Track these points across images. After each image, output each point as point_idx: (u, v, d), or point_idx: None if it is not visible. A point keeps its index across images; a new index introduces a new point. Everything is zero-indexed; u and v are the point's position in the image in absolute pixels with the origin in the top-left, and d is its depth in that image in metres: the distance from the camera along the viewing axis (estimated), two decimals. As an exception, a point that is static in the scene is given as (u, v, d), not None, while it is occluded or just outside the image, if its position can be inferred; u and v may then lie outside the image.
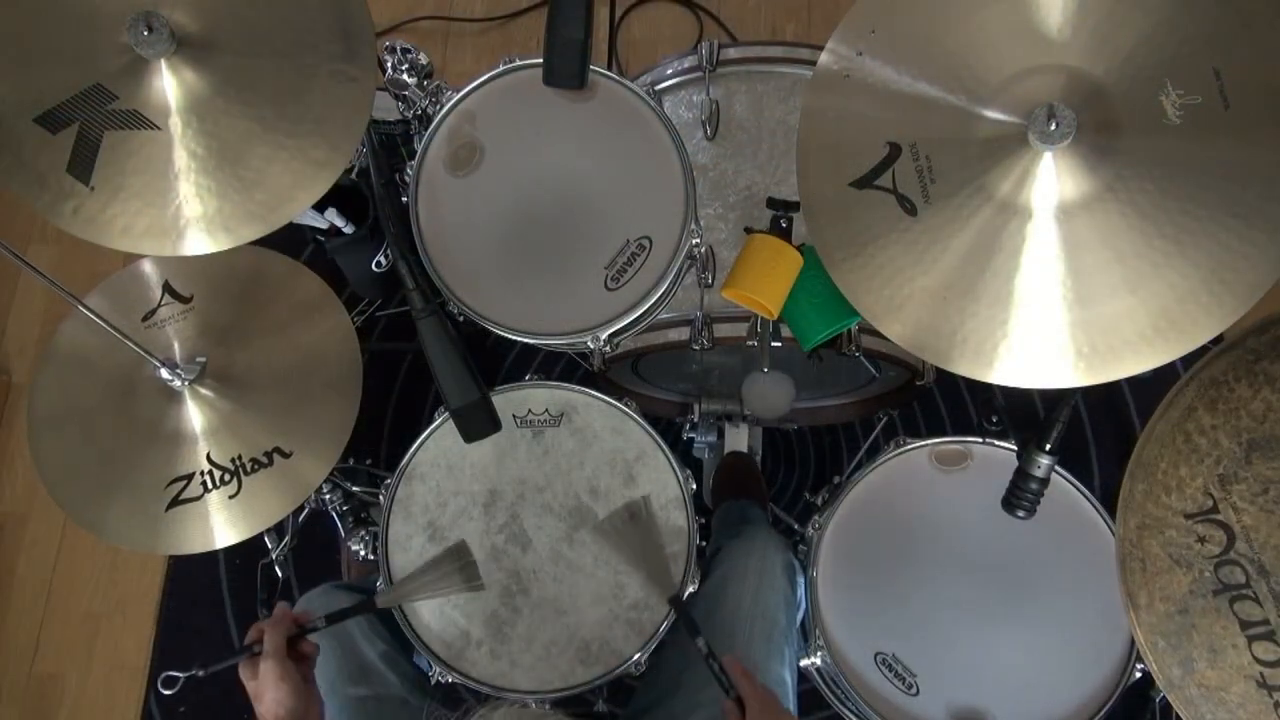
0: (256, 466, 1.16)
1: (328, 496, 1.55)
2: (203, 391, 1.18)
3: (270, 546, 1.51)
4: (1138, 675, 1.13)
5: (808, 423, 1.81)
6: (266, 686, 0.95)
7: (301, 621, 1.03)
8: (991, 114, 0.86)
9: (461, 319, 1.18)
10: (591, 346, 1.18)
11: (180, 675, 1.02)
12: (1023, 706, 1.14)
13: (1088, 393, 0.89)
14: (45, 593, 1.86)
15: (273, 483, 1.16)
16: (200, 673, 1.00)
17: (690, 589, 1.17)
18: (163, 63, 0.91)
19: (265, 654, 0.96)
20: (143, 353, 1.08)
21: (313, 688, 1.01)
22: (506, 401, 1.25)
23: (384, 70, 1.22)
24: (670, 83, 1.40)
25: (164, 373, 1.13)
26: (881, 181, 0.88)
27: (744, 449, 1.75)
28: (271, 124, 0.94)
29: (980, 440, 1.25)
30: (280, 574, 1.78)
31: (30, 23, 0.92)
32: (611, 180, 1.16)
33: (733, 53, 1.38)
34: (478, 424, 1.11)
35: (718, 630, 1.15)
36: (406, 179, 1.19)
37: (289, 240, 1.15)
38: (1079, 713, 1.13)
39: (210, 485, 1.16)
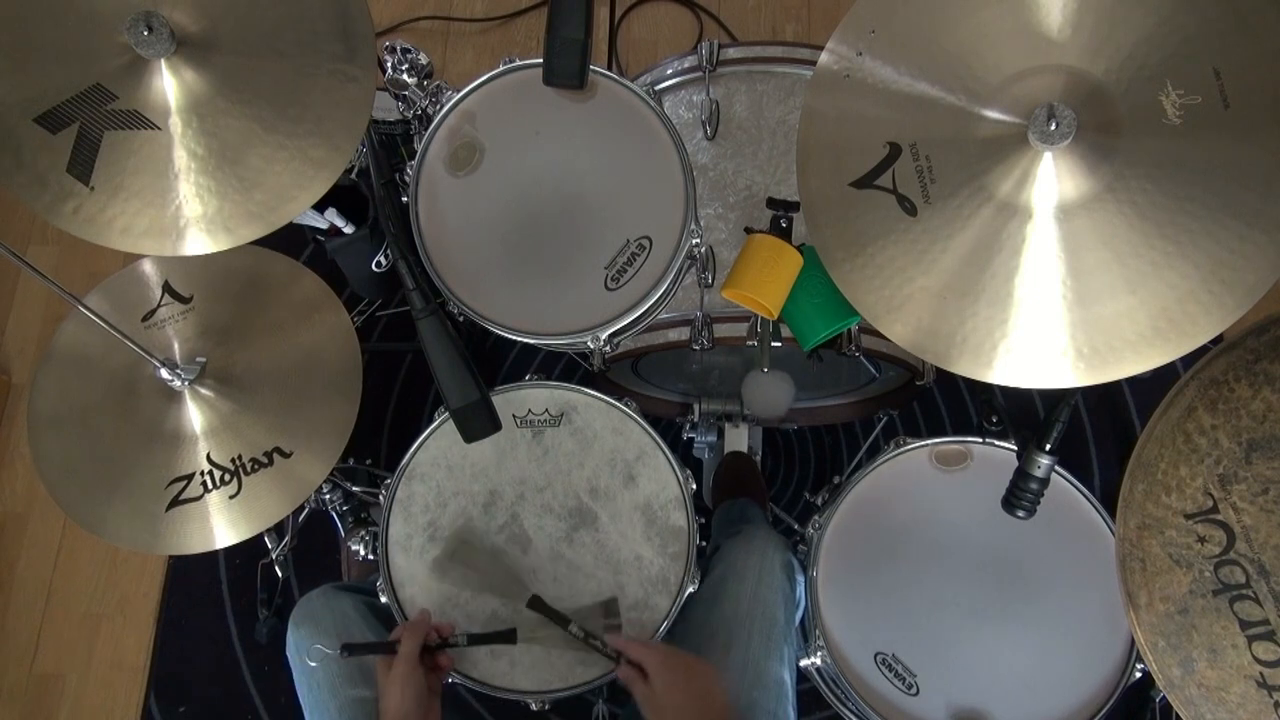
0: (256, 466, 1.16)
1: (328, 496, 1.55)
2: (203, 391, 1.18)
3: (270, 546, 1.51)
4: (1138, 675, 1.13)
5: (808, 423, 1.81)
6: (394, 685, 0.98)
7: (444, 634, 1.07)
8: (991, 114, 0.86)
9: (461, 319, 1.18)
10: (591, 346, 1.18)
11: (328, 650, 1.06)
12: (1023, 706, 1.14)
13: (1088, 393, 0.89)
14: (45, 593, 1.86)
15: (273, 483, 1.16)
16: (346, 654, 1.04)
17: (691, 589, 1.17)
18: (163, 63, 0.91)
19: (400, 655, 1.00)
20: (143, 353, 1.08)
21: (436, 700, 1.03)
22: (506, 401, 1.25)
23: (384, 70, 1.22)
24: (670, 83, 1.40)
25: (164, 373, 1.13)
26: (881, 181, 0.88)
27: (744, 449, 1.75)
28: (271, 124, 0.94)
29: (980, 440, 1.25)
30: (280, 574, 1.78)
31: (30, 23, 0.92)
32: (611, 180, 1.16)
33: (733, 53, 1.38)
34: (478, 424, 1.11)
35: (717, 628, 1.15)
36: (406, 179, 1.19)
37: (289, 240, 1.15)
38: (1079, 713, 1.13)
39: (210, 485, 1.16)
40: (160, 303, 1.26)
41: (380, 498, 1.22)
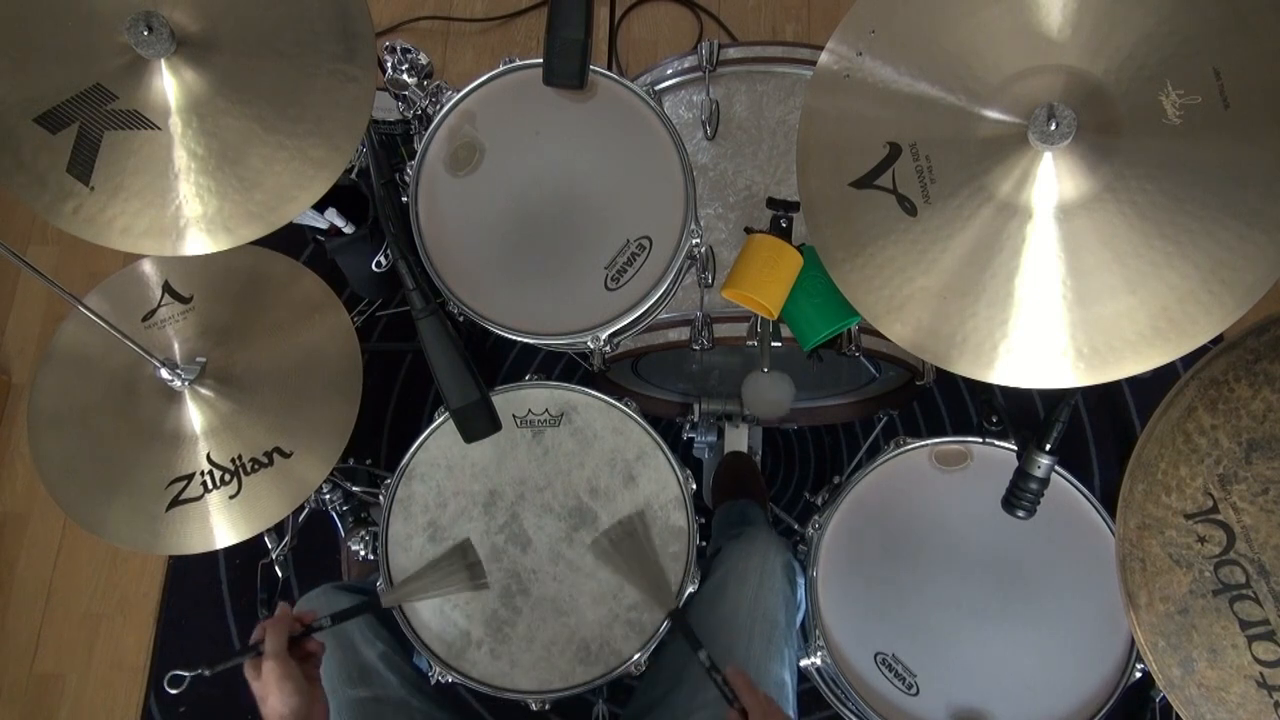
0: (256, 466, 1.16)
1: (328, 496, 1.55)
2: (203, 391, 1.18)
3: (270, 546, 1.51)
4: (1138, 675, 1.13)
5: (808, 423, 1.81)
6: (270, 687, 0.95)
7: (306, 621, 1.03)
8: (991, 114, 0.86)
9: (461, 319, 1.18)
10: (591, 346, 1.18)
11: (186, 674, 1.02)
12: (1023, 706, 1.14)
13: (1088, 393, 0.89)
14: (45, 593, 1.86)
15: (273, 483, 1.16)
16: (206, 672, 1.00)
17: (691, 589, 1.17)
18: (163, 63, 0.91)
19: (267, 654, 0.97)
20: (143, 353, 1.08)
21: (317, 687, 1.01)
22: (506, 401, 1.25)
23: (384, 70, 1.22)
24: (670, 83, 1.40)
25: (164, 373, 1.13)
26: (881, 181, 0.88)
27: (744, 449, 1.75)
28: (271, 124, 0.94)
29: (980, 440, 1.25)
30: (280, 574, 1.78)
31: (30, 23, 0.92)
32: (611, 180, 1.16)
33: (733, 53, 1.38)
34: (478, 424, 1.11)
35: (718, 631, 1.15)
36: (406, 179, 1.19)
37: (289, 240, 1.15)
38: (1079, 713, 1.13)
39: (210, 485, 1.16)
40: (160, 303, 1.26)
41: (380, 498, 1.22)
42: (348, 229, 1.45)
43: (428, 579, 1.16)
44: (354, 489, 1.58)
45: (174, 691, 1.02)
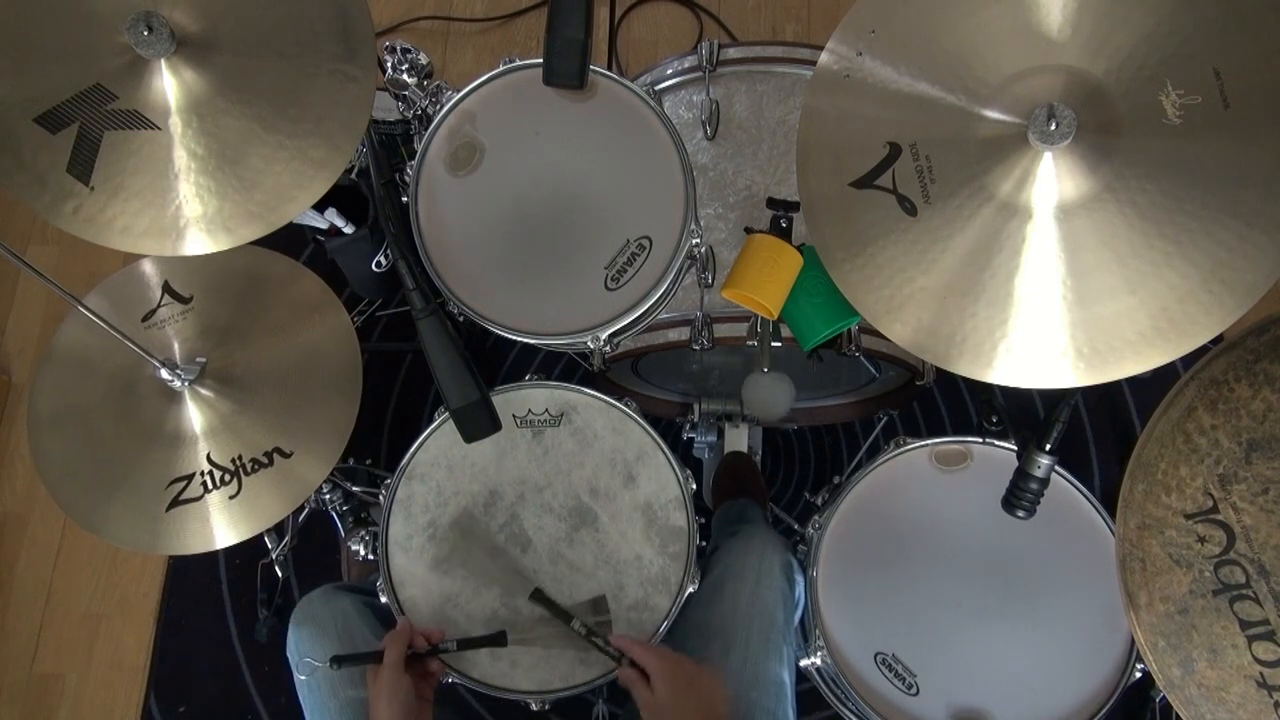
0: (256, 466, 1.16)
1: (328, 496, 1.55)
2: (203, 392, 1.18)
3: (270, 546, 1.51)
4: (1138, 675, 1.13)
5: (808, 423, 1.81)
6: (379, 697, 0.98)
7: (434, 640, 1.07)
8: (991, 114, 0.86)
9: (461, 319, 1.18)
10: (591, 346, 1.18)
11: (318, 664, 1.07)
12: (1023, 706, 1.14)
13: (1088, 393, 0.89)
14: (45, 593, 1.86)
15: (273, 483, 1.16)
16: (337, 666, 1.05)
17: (690, 589, 1.17)
18: (163, 63, 0.91)
19: (384, 665, 0.99)
20: (142, 353, 1.08)
21: (427, 707, 1.03)
22: (506, 401, 1.25)
23: (384, 70, 1.22)
24: (670, 83, 1.40)
25: (164, 373, 1.13)
26: (881, 181, 0.88)
27: (744, 449, 1.75)
28: (271, 124, 0.94)
29: (980, 440, 1.25)
30: (280, 574, 1.78)
31: (30, 23, 0.92)
32: (611, 180, 1.16)
33: (733, 53, 1.38)
34: (478, 424, 1.11)
35: (715, 630, 1.15)
36: (406, 179, 1.19)
37: (289, 240, 1.15)
38: (1079, 713, 1.13)
39: (210, 485, 1.16)
40: (160, 303, 1.26)
41: (380, 498, 1.22)
42: (348, 229, 1.45)
43: (561, 629, 1.13)
44: (354, 489, 1.58)
45: (303, 678, 1.09)
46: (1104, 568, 1.18)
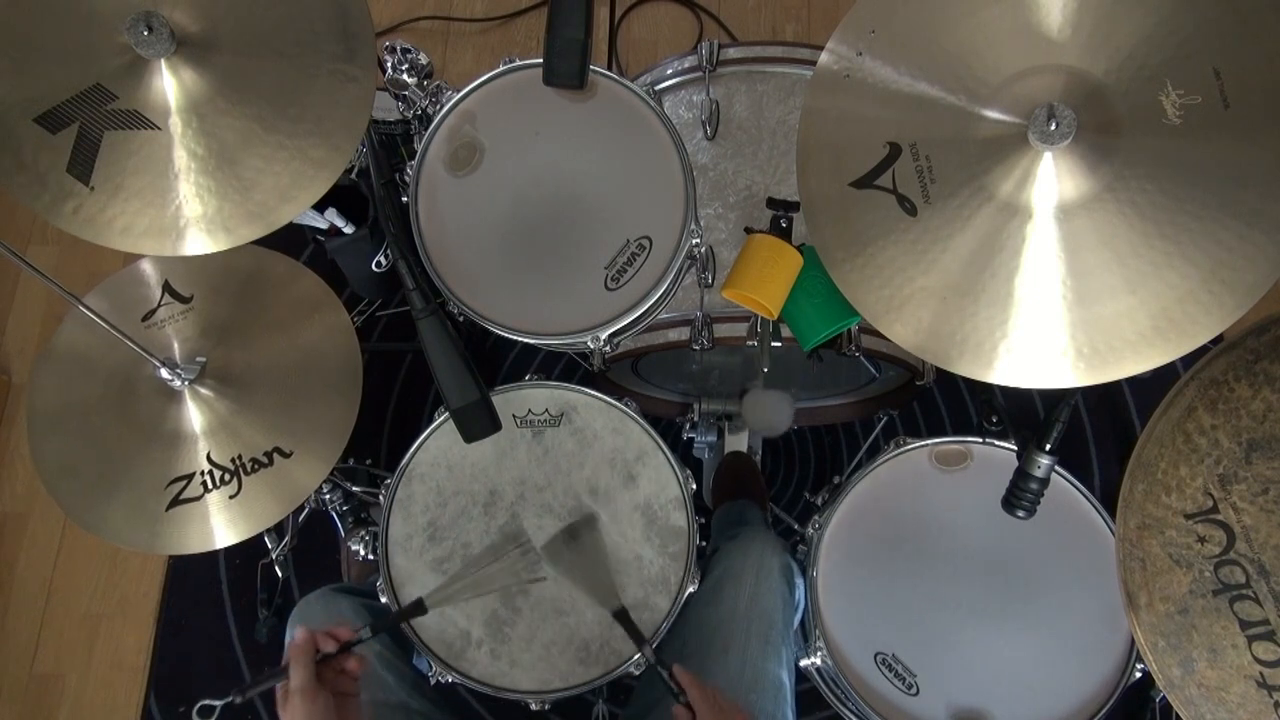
0: (256, 466, 1.16)
1: (328, 496, 1.55)
2: (202, 391, 1.18)
3: (270, 546, 1.51)
4: (1138, 675, 1.13)
5: (808, 423, 1.81)
6: None
7: (340, 637, 0.95)
8: (991, 114, 0.86)
9: (461, 319, 1.18)
10: (591, 346, 1.18)
11: (217, 703, 0.96)
12: (1023, 706, 1.14)
13: (1088, 393, 0.89)
14: (45, 593, 1.86)
15: (273, 483, 1.16)
16: (238, 699, 0.94)
17: (690, 589, 1.17)
18: (163, 63, 0.91)
19: (291, 689, 0.90)
20: (143, 353, 1.08)
21: (352, 701, 0.95)
22: (506, 401, 1.25)
23: (384, 70, 1.22)
24: (670, 83, 1.40)
25: (164, 373, 1.13)
26: (881, 181, 0.88)
27: (744, 449, 1.75)
28: (271, 124, 0.94)
29: (980, 440, 1.25)
30: (280, 574, 1.78)
31: (30, 23, 0.92)
32: (611, 180, 1.16)
33: (733, 53, 1.38)
34: (478, 424, 1.11)
35: (715, 630, 1.15)
36: (406, 179, 1.19)
37: (289, 240, 1.15)
38: (1079, 713, 1.13)
39: (210, 485, 1.16)
40: (160, 302, 1.26)
41: (380, 498, 1.22)
42: (348, 229, 1.45)
43: (477, 574, 1.11)
44: (354, 489, 1.58)
45: None
46: (1104, 568, 1.18)
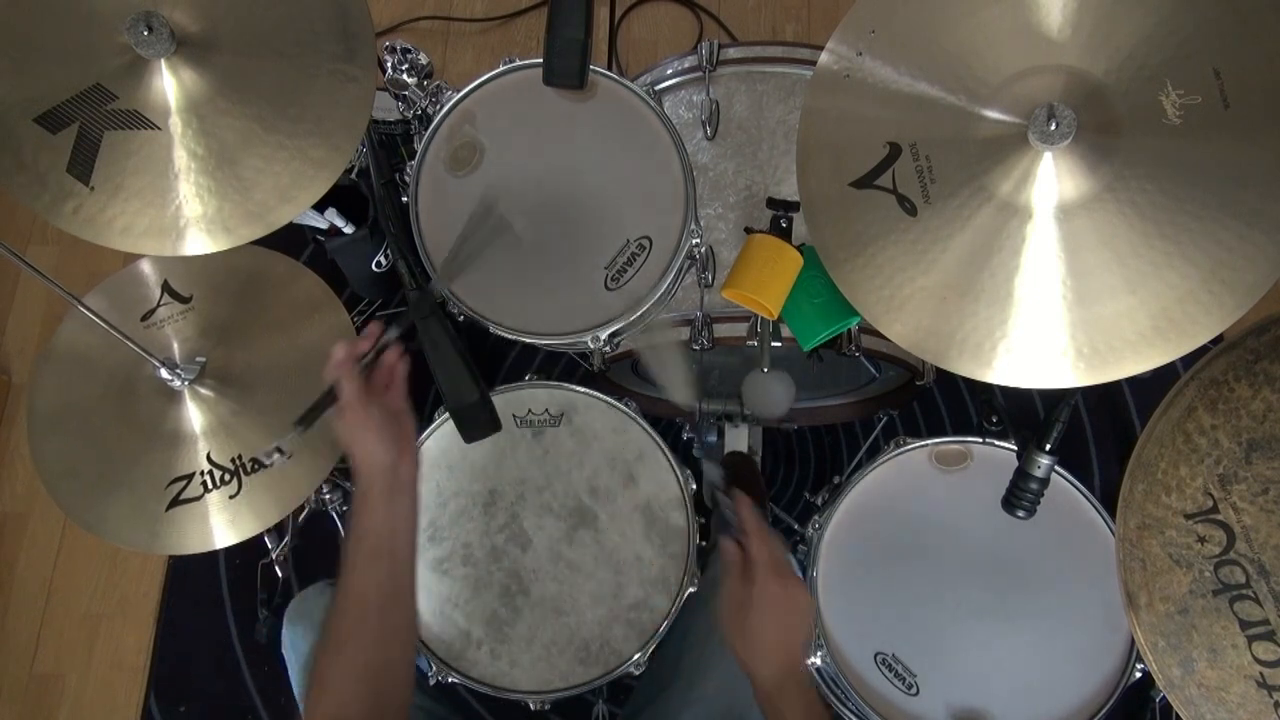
0: (256, 466, 1.16)
1: (328, 496, 1.55)
2: (202, 391, 1.18)
3: (270, 546, 1.51)
4: (1138, 675, 1.13)
5: (808, 423, 1.81)
6: (353, 440, 0.89)
7: (367, 347, 0.92)
8: (991, 114, 0.86)
9: (461, 319, 1.18)
10: (591, 346, 1.18)
11: (284, 439, 0.95)
12: (1023, 706, 1.14)
13: (1088, 393, 0.89)
14: (45, 593, 1.86)
15: (273, 483, 1.16)
16: (302, 431, 0.94)
17: (690, 589, 1.17)
18: (163, 63, 0.91)
19: (344, 403, 0.89)
20: (143, 353, 1.08)
21: (403, 423, 0.93)
22: (506, 401, 1.25)
23: (384, 70, 1.22)
24: (670, 83, 1.40)
25: (164, 373, 1.13)
26: (881, 181, 0.88)
27: (744, 449, 1.75)
28: (271, 124, 0.94)
29: (980, 440, 1.25)
30: (280, 574, 1.77)
31: (30, 23, 0.92)
32: (611, 180, 1.16)
33: (733, 53, 1.38)
34: (478, 424, 1.11)
35: (713, 630, 1.15)
36: (406, 179, 1.19)
37: (289, 240, 1.15)
38: (1079, 713, 1.13)
39: (210, 485, 1.16)
40: (160, 302, 1.26)
41: (380, 498, 1.22)
42: (348, 229, 1.45)
43: (463, 249, 1.05)
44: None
45: (272, 461, 0.96)
46: (1104, 568, 1.18)
